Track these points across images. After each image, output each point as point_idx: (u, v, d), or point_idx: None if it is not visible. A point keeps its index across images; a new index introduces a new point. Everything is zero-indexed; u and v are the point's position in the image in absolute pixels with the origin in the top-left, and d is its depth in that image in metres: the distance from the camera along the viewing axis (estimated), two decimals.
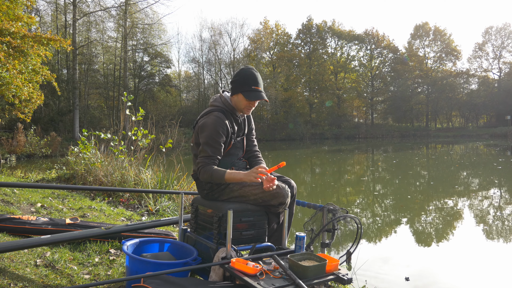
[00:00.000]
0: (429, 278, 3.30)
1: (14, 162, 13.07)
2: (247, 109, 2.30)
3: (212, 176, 2.13)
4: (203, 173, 2.16)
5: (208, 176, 2.14)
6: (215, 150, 2.18)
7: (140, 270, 1.95)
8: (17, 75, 8.03)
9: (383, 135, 40.07)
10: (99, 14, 27.13)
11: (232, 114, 2.32)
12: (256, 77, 2.25)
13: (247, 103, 2.26)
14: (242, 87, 2.24)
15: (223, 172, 2.13)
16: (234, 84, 2.29)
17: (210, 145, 2.17)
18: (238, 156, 2.38)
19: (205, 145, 2.18)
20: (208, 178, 2.16)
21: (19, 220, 2.90)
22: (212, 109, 2.30)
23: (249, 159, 2.49)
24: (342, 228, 4.60)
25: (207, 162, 2.16)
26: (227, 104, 2.31)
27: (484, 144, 25.29)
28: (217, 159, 2.20)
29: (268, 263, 1.92)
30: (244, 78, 2.24)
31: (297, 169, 12.21)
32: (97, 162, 5.71)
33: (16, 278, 2.06)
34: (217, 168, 2.15)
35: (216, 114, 2.23)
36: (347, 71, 44.67)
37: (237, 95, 2.27)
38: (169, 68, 35.47)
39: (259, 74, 2.30)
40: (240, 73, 2.28)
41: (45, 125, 21.33)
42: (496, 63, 45.26)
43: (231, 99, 2.32)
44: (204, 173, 2.15)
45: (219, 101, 2.33)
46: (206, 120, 2.22)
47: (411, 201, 6.71)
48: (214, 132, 2.17)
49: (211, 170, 2.14)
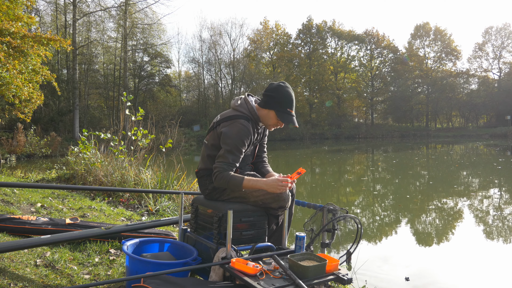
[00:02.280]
0: (429, 278, 3.30)
1: (14, 162, 13.07)
2: (273, 126, 2.28)
3: (228, 182, 2.08)
4: (219, 179, 2.10)
5: (224, 182, 2.09)
6: (236, 158, 2.14)
7: (140, 270, 1.95)
8: (17, 75, 8.03)
9: (383, 135, 40.06)
10: (99, 14, 27.16)
11: (255, 124, 2.27)
12: (293, 100, 2.22)
13: (276, 122, 2.23)
14: (278, 105, 2.19)
15: (240, 178, 2.07)
16: (269, 98, 2.21)
17: (233, 153, 2.12)
18: (247, 163, 2.35)
19: (228, 152, 2.12)
20: (223, 184, 2.11)
21: (19, 220, 2.90)
22: (238, 115, 2.21)
23: (256, 163, 2.46)
24: (342, 228, 4.60)
25: (225, 168, 2.11)
26: (254, 113, 2.24)
27: (484, 144, 25.29)
28: (236, 167, 2.16)
29: (268, 263, 1.92)
30: (282, 97, 2.18)
31: (297, 169, 12.19)
32: (97, 162, 5.71)
33: (16, 278, 2.06)
34: (234, 174, 2.10)
35: (243, 122, 2.16)
36: (347, 71, 44.67)
37: (269, 111, 2.21)
38: (169, 68, 35.51)
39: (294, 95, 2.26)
40: (279, 90, 2.20)
41: (45, 125, 21.33)
42: (496, 63, 45.31)
43: (259, 110, 2.26)
44: (221, 179, 2.09)
45: (245, 107, 2.25)
46: (232, 127, 2.15)
47: (410, 201, 6.71)
48: (239, 141, 2.13)
49: (229, 176, 2.08)
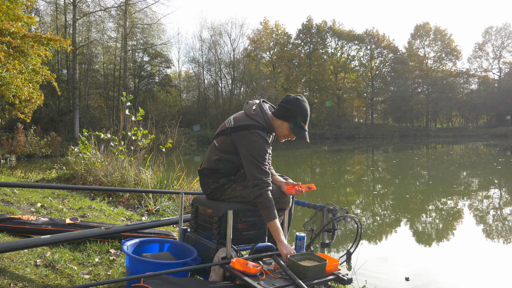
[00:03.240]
0: (429, 277, 3.30)
1: (14, 162, 13.07)
2: (284, 138, 2.27)
3: (267, 209, 2.05)
4: (264, 198, 2.06)
5: (265, 204, 2.05)
6: (267, 166, 2.14)
7: (140, 270, 1.95)
8: (17, 75, 8.03)
9: (383, 135, 40.06)
10: (99, 14, 27.16)
11: (269, 133, 2.26)
12: (308, 115, 2.22)
13: (288, 134, 2.23)
14: (293, 118, 2.18)
15: (273, 217, 2.04)
16: (285, 110, 2.19)
17: (261, 162, 2.10)
18: None
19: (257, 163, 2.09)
20: (262, 205, 2.06)
21: (19, 220, 2.90)
22: (254, 124, 2.16)
23: None
24: (342, 228, 4.60)
25: (268, 183, 2.09)
26: (269, 124, 2.22)
27: (484, 144, 25.29)
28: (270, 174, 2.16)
29: (268, 263, 1.92)
30: (298, 111, 2.18)
31: (297, 169, 12.21)
32: (97, 162, 5.71)
33: (16, 278, 2.06)
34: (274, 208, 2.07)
35: (260, 133, 2.14)
36: (347, 71, 44.68)
37: (283, 122, 2.21)
38: (169, 68, 35.49)
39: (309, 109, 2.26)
40: (296, 103, 2.18)
41: (45, 125, 21.32)
42: (496, 63, 45.33)
43: (273, 120, 2.24)
44: (266, 199, 2.06)
45: (261, 117, 2.21)
46: (251, 138, 2.12)
47: (410, 201, 6.71)
48: (263, 151, 2.11)
49: (271, 204, 2.06)
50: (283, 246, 2.00)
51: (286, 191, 2.19)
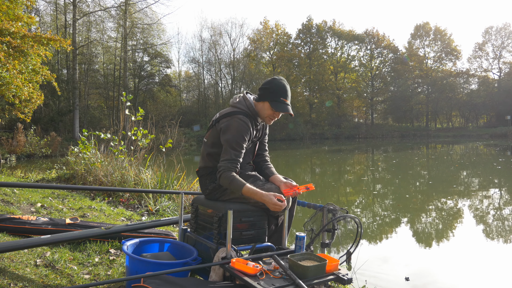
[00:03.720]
0: (429, 277, 3.30)
1: (14, 162, 13.07)
2: (270, 118, 2.28)
3: (231, 183, 2.09)
4: (223, 178, 2.11)
5: (227, 182, 2.10)
6: (238, 153, 2.15)
7: (140, 270, 1.95)
8: (17, 75, 8.03)
9: (383, 135, 40.05)
10: (99, 14, 27.17)
11: (254, 119, 2.28)
12: (286, 89, 2.23)
13: (272, 113, 2.24)
14: (271, 96, 2.21)
15: (242, 184, 2.07)
16: (263, 91, 2.24)
17: (234, 148, 2.13)
18: (247, 161, 2.34)
19: (229, 149, 2.13)
20: (226, 184, 2.11)
21: (19, 220, 2.90)
22: (236, 111, 2.23)
23: (258, 163, 2.45)
24: (342, 228, 4.60)
25: (229, 167, 2.11)
26: (252, 109, 2.26)
27: (484, 144, 25.29)
28: (239, 163, 2.16)
29: (268, 263, 1.92)
30: (274, 88, 2.21)
31: (297, 169, 12.21)
32: (97, 162, 5.71)
33: (16, 278, 2.07)
34: (237, 178, 2.10)
35: (241, 117, 2.18)
36: (347, 71, 44.66)
37: (264, 103, 2.24)
38: (169, 68, 35.52)
39: (289, 87, 2.27)
40: (272, 82, 2.24)
41: (45, 125, 21.33)
42: (496, 63, 45.27)
43: (256, 105, 2.28)
44: (225, 178, 2.10)
45: (243, 104, 2.27)
46: (230, 122, 2.17)
47: (410, 201, 6.72)
48: (239, 136, 2.14)
49: (232, 177, 2.09)
50: (265, 196, 2.03)
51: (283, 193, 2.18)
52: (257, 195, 2.05)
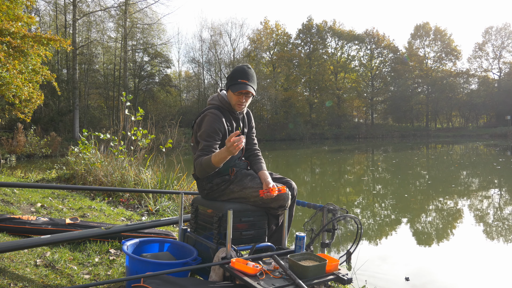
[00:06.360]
0: (428, 277, 3.30)
1: (14, 162, 13.07)
2: (238, 105, 2.29)
3: (202, 165, 2.08)
4: (196, 167, 2.14)
5: (199, 167, 2.11)
6: (211, 143, 2.16)
7: (140, 270, 1.95)
8: (17, 75, 8.03)
9: (383, 135, 40.06)
10: (99, 14, 27.18)
11: (229, 112, 2.34)
12: (244, 71, 2.26)
13: (236, 97, 2.27)
14: (230, 81, 2.27)
15: (209, 158, 2.06)
16: (226, 81, 2.33)
17: (206, 140, 2.17)
18: (238, 156, 2.34)
19: (202, 140, 2.19)
20: (200, 170, 2.12)
21: (19, 220, 2.90)
22: (208, 107, 2.34)
23: (249, 158, 2.45)
24: (342, 228, 4.60)
25: (199, 155, 2.14)
26: (224, 101, 2.33)
27: (484, 144, 25.29)
28: (210, 151, 2.13)
29: (268, 263, 1.92)
30: (233, 73, 2.28)
31: (297, 169, 12.21)
32: (97, 162, 5.70)
33: (16, 278, 2.07)
34: (204, 157, 2.09)
35: (211, 111, 2.25)
36: (347, 71, 44.66)
37: (228, 92, 2.31)
38: (169, 68, 35.51)
39: (252, 70, 2.31)
40: (232, 70, 2.32)
41: (45, 125, 21.32)
42: (496, 63, 45.28)
43: (227, 97, 2.35)
44: (196, 166, 2.13)
45: (216, 99, 2.37)
46: (202, 118, 2.27)
47: (410, 201, 6.71)
48: (210, 128, 2.18)
49: (200, 160, 2.10)
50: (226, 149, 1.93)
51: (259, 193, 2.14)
52: (223, 154, 1.99)
